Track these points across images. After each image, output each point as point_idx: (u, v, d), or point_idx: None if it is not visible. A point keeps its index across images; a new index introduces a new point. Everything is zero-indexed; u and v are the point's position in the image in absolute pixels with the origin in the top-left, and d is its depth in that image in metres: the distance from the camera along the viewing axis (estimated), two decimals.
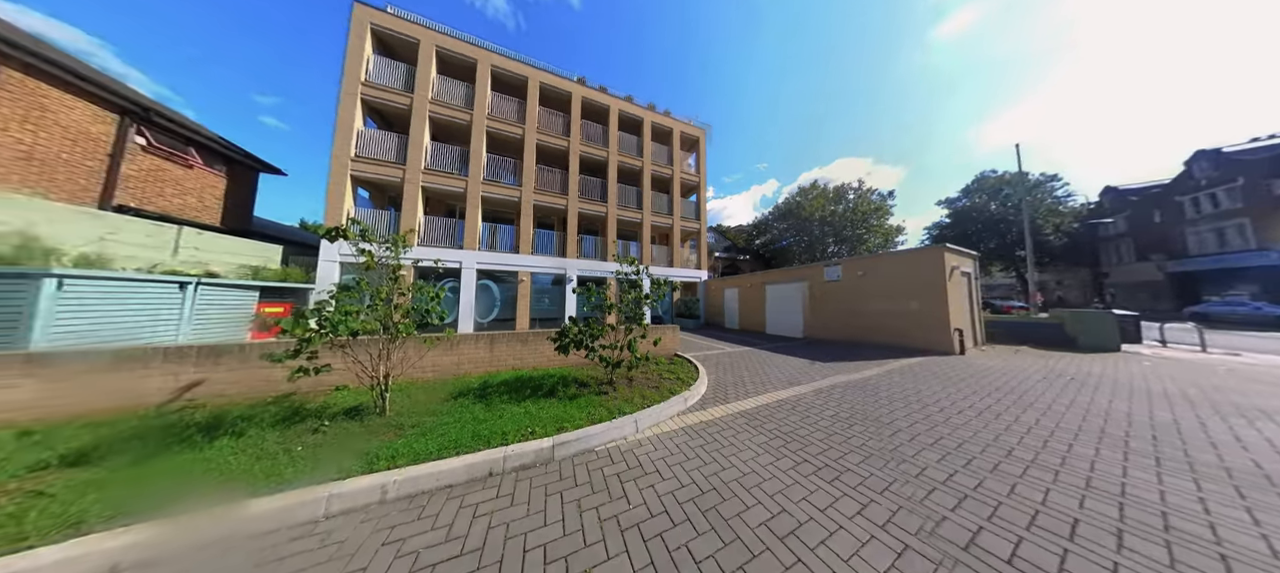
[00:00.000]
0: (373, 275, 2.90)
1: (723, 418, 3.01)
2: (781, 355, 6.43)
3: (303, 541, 1.56)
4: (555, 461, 2.27)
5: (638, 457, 2.30)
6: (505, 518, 1.71)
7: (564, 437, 2.39)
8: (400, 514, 1.76)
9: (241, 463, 2.05)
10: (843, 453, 2.34)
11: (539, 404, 3.05)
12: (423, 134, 9.40)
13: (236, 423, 2.55)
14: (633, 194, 13.56)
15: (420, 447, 2.22)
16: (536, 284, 10.90)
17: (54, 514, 1.54)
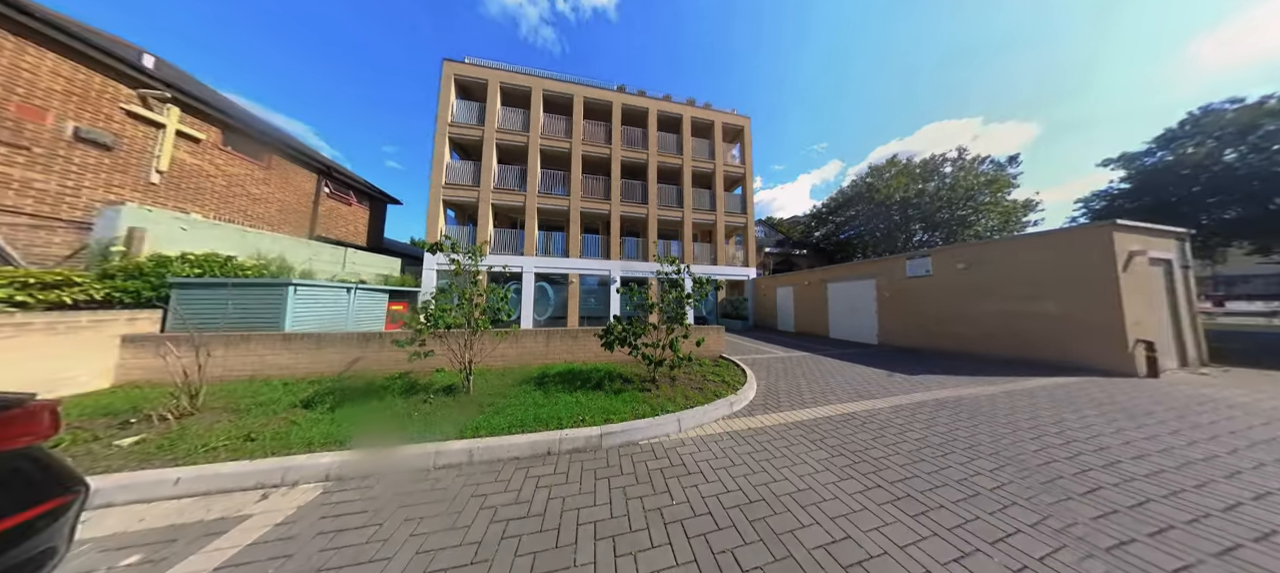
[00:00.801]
0: (459, 280, 3.55)
1: (774, 427, 2.85)
2: (849, 363, 5.78)
3: (420, 484, 2.02)
4: (603, 448, 2.43)
5: (681, 456, 2.32)
6: (562, 493, 1.91)
7: (610, 428, 2.55)
8: (483, 475, 2.11)
9: (383, 420, 2.77)
10: (933, 486, 1.93)
11: (588, 396, 3.35)
12: (492, 159, 11.19)
13: (380, 391, 3.52)
14: (673, 193, 13.70)
15: (496, 423, 2.66)
16: (584, 285, 12.04)
17: (301, 436, 2.42)
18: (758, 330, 12.00)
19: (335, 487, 2.02)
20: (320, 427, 2.59)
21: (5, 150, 5.48)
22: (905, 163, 20.47)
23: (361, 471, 2.13)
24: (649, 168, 13.38)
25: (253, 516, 1.77)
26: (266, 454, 2.21)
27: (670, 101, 14.29)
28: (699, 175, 14.61)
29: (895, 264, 8.15)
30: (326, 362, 4.45)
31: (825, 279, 10.37)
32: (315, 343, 4.53)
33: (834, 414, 3.21)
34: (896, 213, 19.87)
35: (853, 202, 22.01)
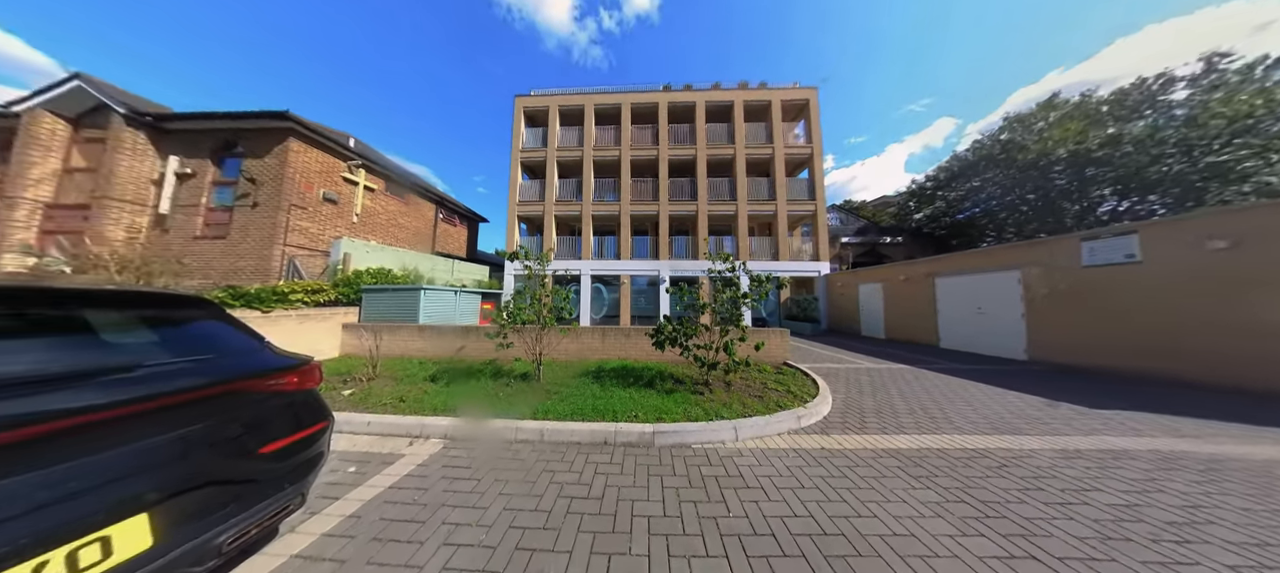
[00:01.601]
0: (531, 283, 4.22)
1: (857, 451, 2.49)
2: (974, 383, 4.61)
3: (504, 452, 2.42)
4: (655, 446, 2.50)
5: (738, 467, 2.24)
6: (618, 482, 2.03)
7: (662, 427, 2.64)
8: (551, 452, 2.41)
9: (479, 396, 3.48)
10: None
11: (641, 393, 3.51)
12: (553, 175, 12.98)
13: (476, 373, 4.43)
14: (724, 186, 13.12)
15: (561, 408, 3.03)
16: (634, 286, 12.79)
17: (430, 402, 3.24)
18: (833, 336, 10.68)
19: (451, 444, 2.60)
20: (441, 397, 3.45)
21: (298, 212, 9.27)
22: (1077, 100, 14.12)
23: (466, 434, 2.73)
24: (697, 163, 13.15)
25: (405, 455, 2.42)
26: (412, 413, 3.05)
27: (719, 89, 13.67)
28: (755, 163, 13.55)
29: (1060, 247, 6.08)
30: (443, 347, 6.00)
31: (932, 272, 8.46)
32: (437, 333, 6.24)
33: (949, 447, 2.59)
34: (1062, 175, 14.03)
35: (976, 168, 17.13)
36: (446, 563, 1.42)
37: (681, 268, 12.86)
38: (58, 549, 0.83)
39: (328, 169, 10.11)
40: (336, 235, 10.18)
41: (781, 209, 13.07)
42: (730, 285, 3.95)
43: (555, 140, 13.65)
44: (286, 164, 9.21)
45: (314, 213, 9.75)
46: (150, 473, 1.01)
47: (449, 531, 1.63)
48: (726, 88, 13.95)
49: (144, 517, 0.97)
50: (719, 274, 4.05)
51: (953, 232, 18.27)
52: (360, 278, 8.78)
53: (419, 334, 6.11)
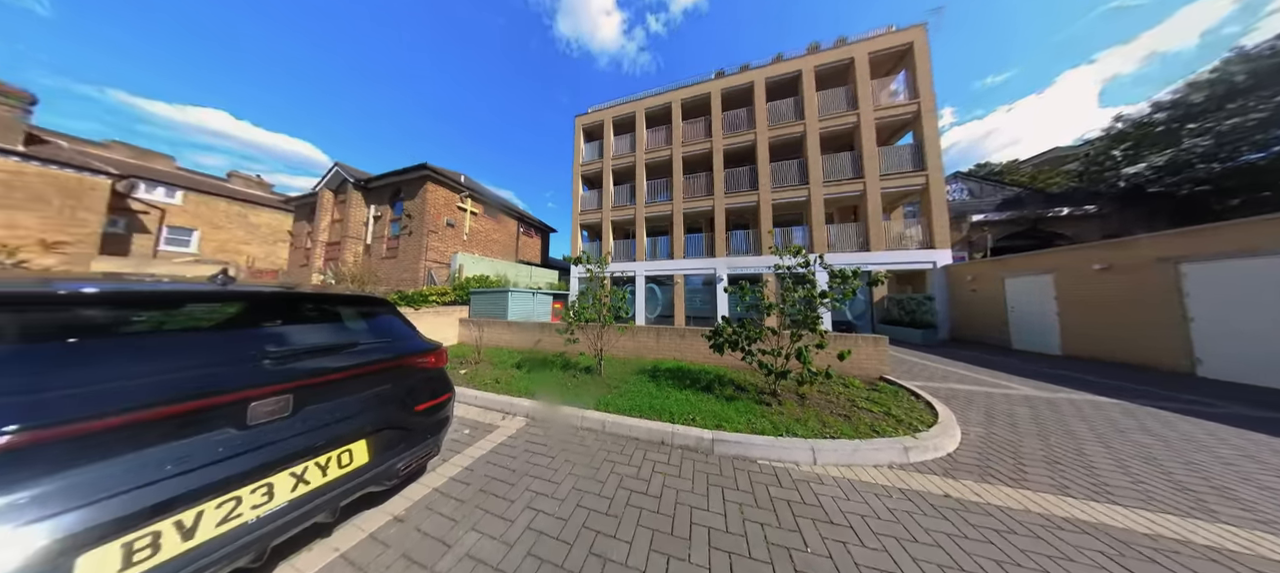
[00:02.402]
0: (592, 285, 4.69)
1: (1015, 512, 1.86)
2: None
3: (572, 437, 2.73)
4: (714, 455, 2.43)
5: (817, 495, 1.98)
6: (675, 484, 2.05)
7: (722, 435, 2.56)
8: (612, 443, 2.61)
9: (551, 384, 3.99)
10: None
11: (698, 396, 3.46)
12: (609, 183, 14.13)
13: (549, 364, 5.15)
14: (792, 169, 11.73)
15: (620, 403, 3.23)
16: (689, 285, 12.68)
17: (516, 386, 3.94)
18: (959, 347, 8.44)
19: (531, 423, 3.03)
20: (524, 382, 4.08)
21: (432, 236, 12.69)
22: None
23: (543, 416, 3.15)
24: (757, 148, 12.12)
25: (499, 427, 2.94)
26: (504, 393, 3.69)
27: (781, 61, 12.34)
28: (832, 137, 11.70)
29: None
30: (524, 339, 7.21)
31: (1174, 254, 5.64)
32: (520, 328, 7.55)
33: (1222, 544, 1.66)
34: None
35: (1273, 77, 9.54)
36: (530, 524, 1.72)
37: (741, 265, 11.99)
38: (334, 451, 1.41)
39: (449, 201, 13.68)
40: (454, 251, 13.56)
41: (872, 187, 10.70)
42: (802, 283, 3.53)
43: (609, 150, 14.72)
44: (426, 202, 12.89)
45: (442, 235, 13.30)
46: (366, 414, 1.54)
47: (531, 497, 1.94)
48: (791, 57, 12.46)
49: (365, 441, 1.50)
50: (788, 270, 3.69)
51: (1223, 186, 11.35)
52: (469, 283, 11.51)
53: (507, 329, 7.65)
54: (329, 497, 1.32)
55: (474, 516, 1.77)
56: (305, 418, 1.33)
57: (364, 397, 1.55)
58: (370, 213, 14.76)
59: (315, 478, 1.29)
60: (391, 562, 1.47)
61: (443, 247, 13.95)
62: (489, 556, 1.51)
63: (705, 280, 13.38)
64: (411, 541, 1.59)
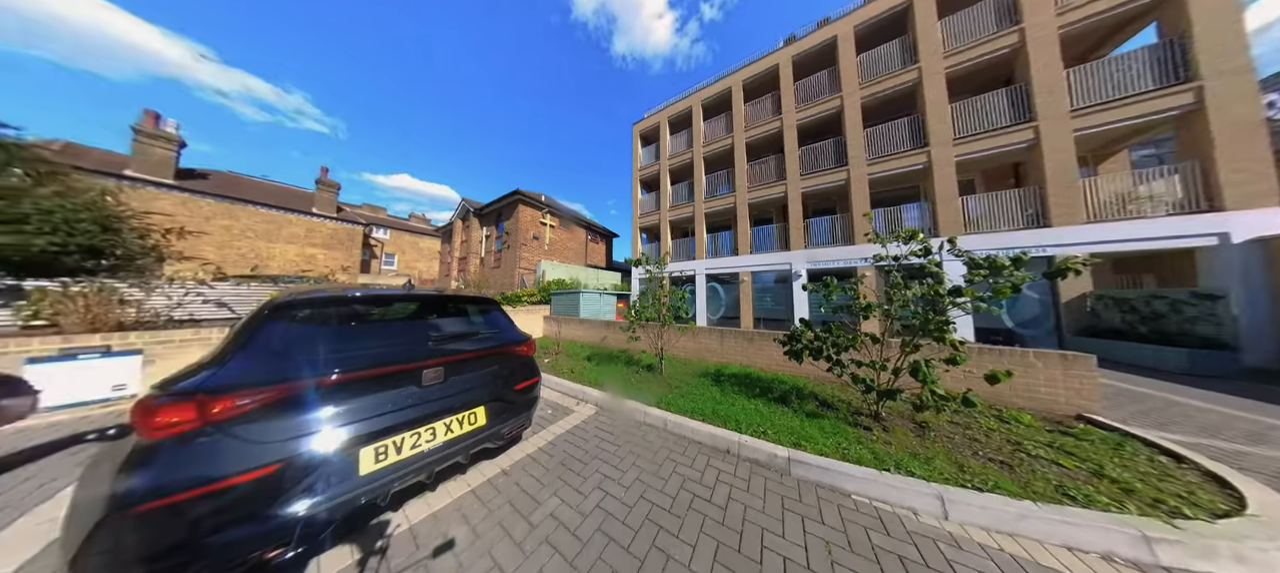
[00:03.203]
0: (651, 285, 4.62)
1: None
2: None
3: (634, 430, 2.70)
4: (791, 476, 2.08)
5: (950, 561, 1.44)
6: (742, 499, 1.84)
7: (804, 457, 2.12)
8: (673, 443, 2.48)
9: (616, 378, 4.02)
10: None
11: (770, 407, 3.00)
12: (666, 184, 13.37)
13: (614, 359, 5.17)
14: (898, 131, 8.70)
15: (681, 404, 3.05)
16: (758, 283, 10.86)
17: (586, 377, 4.00)
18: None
19: (600, 411, 3.12)
20: (593, 374, 4.23)
21: (523, 248, 14.65)
22: None
23: (610, 406, 3.20)
24: (843, 114, 9.44)
25: (574, 412, 3.12)
26: (578, 382, 3.69)
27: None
28: (968, 75, 8.00)
29: None
30: (593, 336, 7.39)
31: None
32: (590, 325, 7.74)
33: None
34: None
35: None
36: (599, 504, 1.80)
37: (825, 258, 9.49)
38: (466, 411, 1.76)
39: (534, 219, 15.40)
40: (539, 259, 15.26)
41: (1055, 130, 6.78)
42: (919, 277, 2.61)
43: (665, 151, 13.95)
44: (518, 220, 14.79)
45: (529, 247, 15.10)
46: (484, 387, 1.87)
47: (600, 479, 2.03)
48: None
49: (483, 408, 1.82)
50: (895, 261, 2.77)
51: None
52: (550, 286, 12.62)
53: (580, 325, 7.94)
54: (463, 445, 1.70)
55: (555, 484, 1.96)
56: (451, 385, 1.71)
57: (483, 374, 1.89)
58: (483, 233, 18.16)
59: (456, 429, 1.69)
60: (501, 504, 1.79)
61: (531, 256, 15.94)
62: (567, 520, 1.66)
63: (778, 277, 11.05)
64: (513, 491, 1.89)
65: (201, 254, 10.70)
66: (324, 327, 1.52)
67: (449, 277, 19.26)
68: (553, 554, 1.45)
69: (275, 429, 1.20)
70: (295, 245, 14.03)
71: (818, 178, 10.00)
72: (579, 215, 17.58)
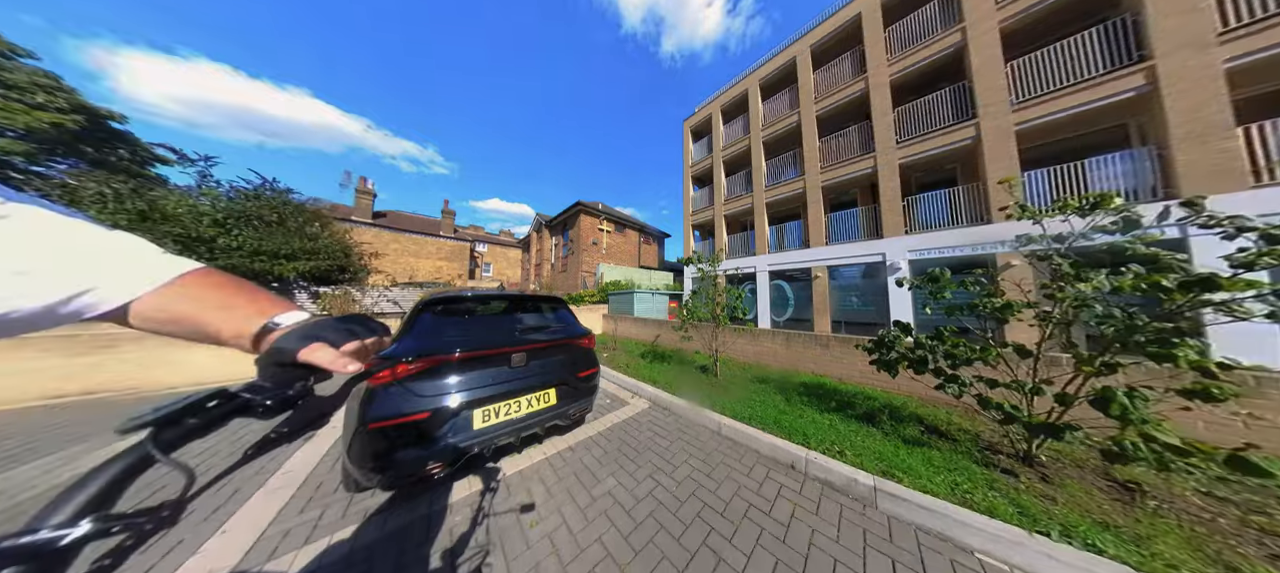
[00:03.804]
0: (704, 284, 4.34)
1: None
2: None
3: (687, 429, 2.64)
4: (878, 509, 1.70)
5: None
6: (810, 522, 1.58)
7: (897, 490, 1.71)
8: (728, 449, 2.29)
9: (669, 376, 3.95)
10: None
11: (850, 425, 2.49)
12: (720, 176, 12.15)
13: (668, 357, 5.06)
14: (1075, 51, 5.87)
15: (739, 410, 2.79)
16: (839, 279, 8.93)
17: (640, 373, 4.03)
18: None
19: (653, 407, 3.18)
20: (646, 370, 4.21)
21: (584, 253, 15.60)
22: None
23: (664, 403, 3.17)
24: (967, 50, 6.93)
25: (629, 404, 3.23)
26: (633, 376, 3.95)
27: None
28: None
29: None
30: (646, 334, 7.47)
31: None
32: (643, 324, 8.16)
33: None
34: None
35: None
36: (651, 492, 1.83)
37: (936, 244, 7.11)
38: (541, 391, 2.01)
39: (593, 226, 16.05)
40: (598, 263, 15.88)
41: None
42: (1121, 265, 1.65)
43: (719, 142, 12.66)
44: (580, 229, 15.67)
45: (589, 252, 15.83)
46: (554, 372, 2.11)
47: (653, 468, 2.07)
48: None
49: (553, 389, 2.06)
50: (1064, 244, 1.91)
51: None
52: (607, 287, 13.00)
53: (634, 324, 7.98)
54: (539, 419, 1.96)
55: (612, 466, 2.09)
56: (531, 368, 2.00)
57: (553, 360, 2.15)
58: (552, 242, 19.99)
59: (535, 405, 1.97)
60: (568, 474, 2.00)
61: (590, 260, 16.72)
62: (623, 499, 1.76)
63: (866, 270, 8.56)
64: (578, 466, 2.10)
65: (385, 269, 14.59)
66: (451, 317, 1.97)
67: (528, 280, 21.82)
68: (609, 526, 1.56)
69: (428, 388, 1.66)
70: (431, 260, 18.16)
71: (925, 143, 7.46)
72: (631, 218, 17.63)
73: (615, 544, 1.45)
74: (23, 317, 0.30)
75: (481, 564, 1.33)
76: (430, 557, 1.36)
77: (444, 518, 1.60)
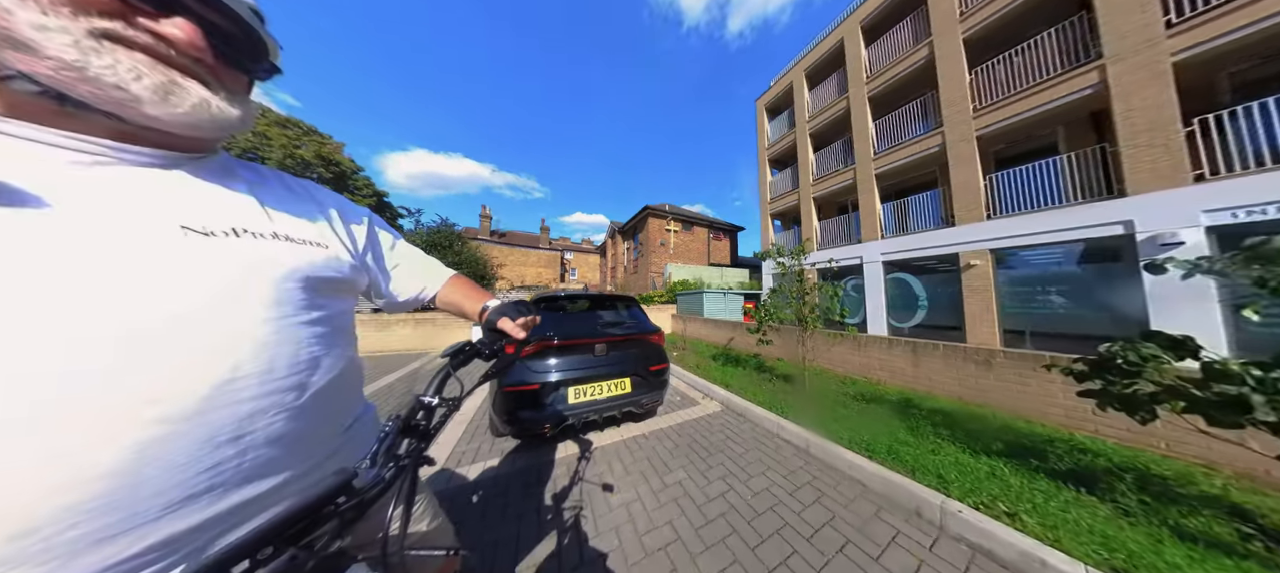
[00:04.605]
0: (786, 280, 3.63)
1: None
2: None
3: (766, 441, 2.33)
4: None
5: None
6: None
7: None
8: (819, 472, 1.94)
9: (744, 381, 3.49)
10: None
11: (1032, 480, 1.72)
12: (807, 152, 10.10)
13: (742, 362, 4.57)
14: None
15: (836, 428, 2.29)
16: (1020, 267, 6.11)
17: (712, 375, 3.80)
18: None
19: (726, 410, 2.98)
20: (718, 373, 3.95)
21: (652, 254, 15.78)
22: None
23: (738, 408, 2.93)
24: None
25: (699, 404, 3.12)
26: (704, 377, 3.78)
27: None
28: None
29: None
30: (717, 335, 6.83)
31: None
32: (715, 324, 7.26)
33: None
34: None
35: None
36: (722, 494, 1.73)
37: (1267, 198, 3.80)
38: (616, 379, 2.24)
39: (660, 228, 15.91)
40: (666, 263, 15.68)
41: None
42: None
43: (804, 111, 10.39)
44: (648, 232, 15.83)
45: (657, 253, 15.83)
46: (628, 363, 2.29)
47: (725, 472, 1.94)
48: None
49: (627, 379, 2.26)
50: None
51: None
52: (675, 287, 12.74)
53: (704, 324, 7.42)
54: (616, 404, 2.20)
55: (682, 459, 2.09)
56: (609, 357, 2.25)
57: (627, 352, 2.34)
58: (624, 246, 20.96)
59: (612, 390, 2.21)
60: (641, 458, 2.10)
61: (659, 261, 16.61)
62: (693, 493, 1.75)
63: (1087, 252, 5.10)
64: (650, 452, 2.18)
65: (505, 276, 19.86)
66: (553, 312, 2.35)
67: (605, 283, 23.64)
68: (680, 513, 1.59)
69: (539, 365, 2.07)
70: (534, 268, 23.49)
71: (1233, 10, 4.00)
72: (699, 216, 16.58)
73: (686, 532, 1.47)
74: (409, 299, 0.61)
75: (578, 514, 1.57)
76: (543, 495, 1.73)
77: (552, 470, 1.96)
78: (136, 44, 0.29)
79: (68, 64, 0.26)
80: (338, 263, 0.43)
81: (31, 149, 0.28)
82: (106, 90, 0.28)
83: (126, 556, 0.26)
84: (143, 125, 0.31)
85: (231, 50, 0.35)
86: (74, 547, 0.24)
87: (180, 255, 0.31)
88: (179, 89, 0.30)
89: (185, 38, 0.30)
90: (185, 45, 0.31)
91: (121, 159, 0.31)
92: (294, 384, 0.35)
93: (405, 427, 0.37)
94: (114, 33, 0.28)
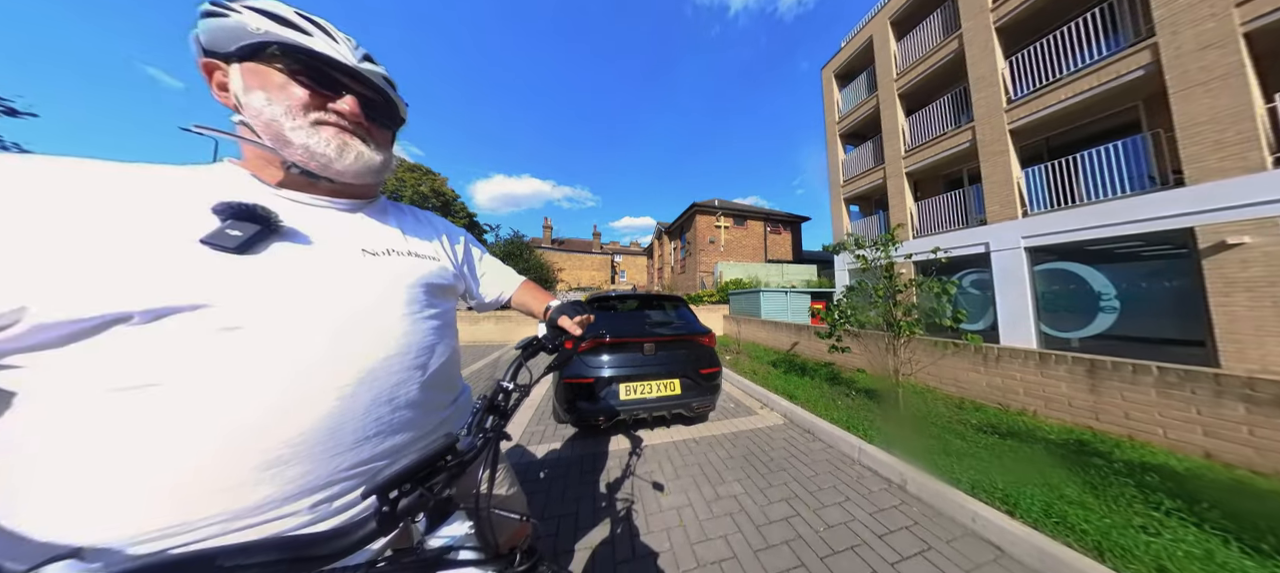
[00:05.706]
0: (870, 276, 2.91)
1: None
2: None
3: (846, 466, 1.89)
4: None
5: None
6: None
7: None
8: (921, 515, 1.50)
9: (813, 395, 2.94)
10: None
11: None
12: (895, 116, 8.03)
13: (810, 371, 3.87)
14: None
15: (946, 465, 1.76)
16: None
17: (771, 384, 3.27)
18: None
19: (790, 424, 2.56)
20: (780, 382, 3.40)
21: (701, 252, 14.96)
22: None
23: (805, 423, 2.48)
24: None
25: (757, 414, 2.76)
26: (762, 385, 3.30)
27: None
28: None
29: None
30: (779, 340, 5.77)
31: None
32: (775, 327, 6.06)
33: None
34: None
35: None
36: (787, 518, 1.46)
37: None
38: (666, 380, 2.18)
39: (708, 225, 14.89)
40: (716, 261, 14.62)
41: None
42: None
43: (891, 68, 8.11)
44: (696, 230, 15.03)
45: (706, 251, 14.89)
46: (677, 364, 2.22)
47: (789, 495, 1.63)
48: None
49: (677, 380, 2.18)
50: None
51: None
52: (727, 286, 11.80)
53: (762, 327, 6.51)
54: (666, 404, 2.16)
55: (738, 473, 1.90)
56: (658, 357, 2.22)
57: (676, 354, 2.27)
58: (671, 246, 20.33)
59: (662, 391, 2.17)
60: (692, 463, 1.98)
61: (708, 260, 15.52)
62: (751, 511, 1.56)
63: None
64: (702, 459, 2.04)
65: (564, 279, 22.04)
66: (605, 311, 2.44)
67: (652, 283, 23.51)
68: (735, 529, 1.45)
69: (593, 361, 2.13)
70: (588, 271, 25.06)
71: None
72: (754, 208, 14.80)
73: (742, 551, 1.33)
74: (493, 301, 0.72)
75: (630, 508, 1.55)
76: (599, 483, 1.77)
77: (606, 461, 2.00)
78: (327, 122, 0.43)
79: (307, 147, 0.41)
80: (446, 272, 0.55)
81: (296, 207, 0.43)
82: (318, 159, 0.42)
83: (337, 469, 0.38)
84: (334, 178, 0.44)
85: (376, 113, 0.47)
86: (313, 454, 0.37)
87: (360, 269, 0.44)
88: (349, 146, 0.44)
89: (350, 109, 0.44)
90: (350, 115, 0.44)
91: (333, 206, 0.46)
92: (420, 364, 0.46)
93: (490, 406, 0.45)
94: (319, 119, 0.42)
